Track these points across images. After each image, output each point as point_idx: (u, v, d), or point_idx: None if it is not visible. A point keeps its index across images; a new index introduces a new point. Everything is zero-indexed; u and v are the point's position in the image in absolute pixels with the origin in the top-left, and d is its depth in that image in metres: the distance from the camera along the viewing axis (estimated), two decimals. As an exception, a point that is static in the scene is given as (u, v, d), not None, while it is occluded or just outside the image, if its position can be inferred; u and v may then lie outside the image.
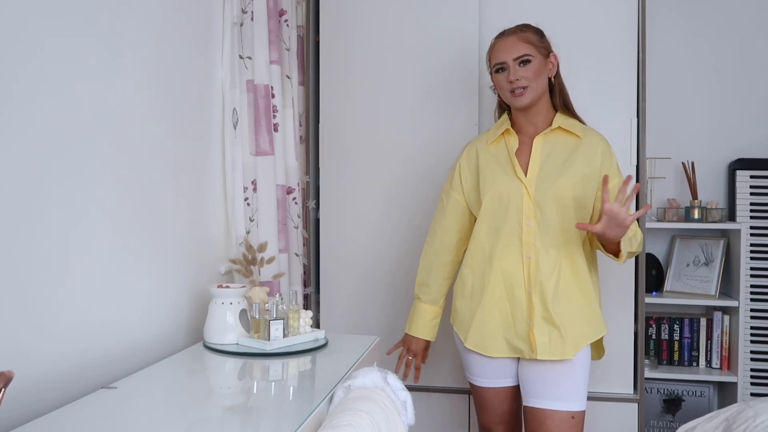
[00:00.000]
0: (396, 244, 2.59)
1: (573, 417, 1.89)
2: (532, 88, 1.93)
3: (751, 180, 2.84)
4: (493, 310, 1.96)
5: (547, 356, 1.89)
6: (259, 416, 1.31)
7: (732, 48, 2.99)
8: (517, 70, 1.93)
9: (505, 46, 1.95)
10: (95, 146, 1.50)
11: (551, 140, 1.98)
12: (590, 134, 1.99)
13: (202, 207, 2.04)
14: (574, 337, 1.89)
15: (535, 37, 1.96)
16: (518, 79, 1.92)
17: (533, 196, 1.93)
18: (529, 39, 1.95)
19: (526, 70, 1.92)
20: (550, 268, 1.91)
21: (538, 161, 1.96)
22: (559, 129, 1.98)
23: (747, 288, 2.75)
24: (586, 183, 1.94)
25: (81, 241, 1.45)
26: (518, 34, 1.95)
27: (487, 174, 2.01)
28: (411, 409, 1.46)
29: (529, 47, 1.93)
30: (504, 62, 1.95)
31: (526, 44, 1.94)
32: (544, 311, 1.90)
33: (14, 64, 1.26)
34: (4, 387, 0.89)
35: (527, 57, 1.93)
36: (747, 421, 1.72)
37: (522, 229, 1.93)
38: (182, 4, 1.90)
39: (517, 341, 1.93)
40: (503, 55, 1.95)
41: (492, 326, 1.96)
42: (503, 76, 1.96)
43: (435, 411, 2.55)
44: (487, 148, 2.05)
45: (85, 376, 1.46)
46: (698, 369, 2.84)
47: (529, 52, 1.93)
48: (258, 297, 1.87)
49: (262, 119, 2.19)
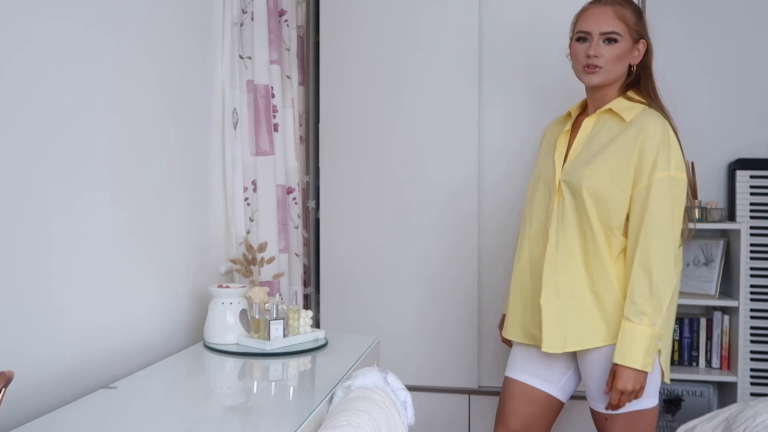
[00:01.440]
0: (396, 244, 2.59)
1: (606, 419, 1.76)
2: (607, 71, 1.76)
3: (751, 180, 2.84)
4: (516, 295, 1.89)
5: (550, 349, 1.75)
6: (259, 416, 1.31)
7: (732, 48, 2.99)
8: (600, 46, 1.75)
9: (597, 16, 1.76)
10: (95, 147, 1.50)
11: (600, 123, 1.80)
12: (641, 121, 1.73)
13: (202, 207, 2.04)
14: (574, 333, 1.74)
15: (633, 17, 1.77)
16: (597, 56, 1.74)
17: (560, 182, 1.79)
18: (624, 16, 1.75)
19: (610, 49, 1.75)
20: (566, 260, 1.76)
21: (579, 146, 1.80)
22: (610, 111, 1.79)
23: (747, 288, 2.75)
24: (615, 177, 1.72)
25: (81, 241, 1.45)
26: (615, 7, 1.76)
27: (541, 155, 1.94)
28: (411, 409, 1.46)
29: (621, 26, 1.75)
30: (589, 32, 1.76)
31: (620, 21, 1.75)
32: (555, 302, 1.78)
33: (15, 68, 1.26)
34: (4, 387, 0.89)
35: (615, 35, 1.74)
36: (747, 421, 1.72)
37: (548, 215, 1.81)
38: (182, 4, 1.90)
39: (532, 328, 1.83)
40: (591, 25, 1.76)
41: (514, 310, 1.89)
42: (583, 46, 1.77)
43: (435, 411, 2.55)
44: (552, 128, 1.95)
45: (85, 376, 1.46)
46: (698, 369, 2.83)
47: (619, 31, 1.74)
48: (258, 297, 1.87)
49: (262, 119, 2.19)
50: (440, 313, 2.56)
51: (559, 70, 2.36)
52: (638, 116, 1.74)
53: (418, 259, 2.58)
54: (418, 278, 2.58)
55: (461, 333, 2.54)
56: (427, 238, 2.56)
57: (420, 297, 2.58)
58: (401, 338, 2.59)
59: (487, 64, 2.53)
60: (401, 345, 2.59)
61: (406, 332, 2.59)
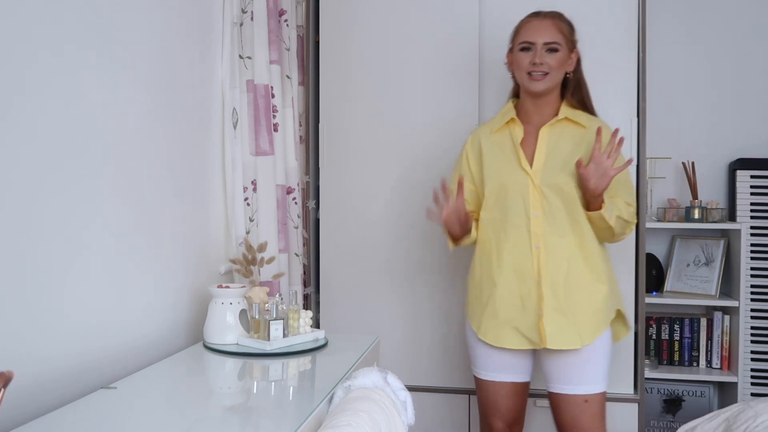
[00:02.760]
0: (396, 244, 2.59)
1: (586, 401, 1.92)
2: (551, 77, 1.95)
3: (751, 180, 2.84)
4: (504, 302, 1.96)
5: (557, 345, 1.91)
6: (259, 416, 1.31)
7: (732, 48, 2.99)
8: (544, 54, 1.93)
9: (539, 28, 1.95)
10: (95, 146, 1.50)
11: (557, 131, 1.99)
12: (594, 123, 2.00)
13: (202, 207, 2.04)
14: (586, 325, 1.91)
15: (568, 29, 1.98)
16: (543, 63, 1.92)
17: (539, 187, 1.93)
18: (562, 29, 1.96)
19: (552, 57, 1.94)
20: (560, 257, 1.92)
21: (544, 152, 1.96)
22: (566, 120, 1.99)
23: (747, 288, 2.75)
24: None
25: (81, 241, 1.45)
26: (554, 20, 1.97)
27: (491, 164, 2.01)
28: (411, 409, 1.45)
29: (560, 36, 1.95)
30: (533, 42, 1.94)
31: (559, 32, 1.95)
32: (554, 301, 1.91)
33: (15, 68, 1.26)
34: (4, 387, 0.89)
35: (556, 45, 1.94)
36: (747, 421, 1.72)
37: (530, 220, 1.93)
38: (182, 4, 1.90)
39: (528, 332, 1.94)
40: (534, 36, 1.95)
41: (504, 318, 1.96)
42: (528, 55, 1.95)
43: (435, 411, 2.55)
44: (491, 138, 2.05)
45: (85, 376, 1.46)
46: (698, 369, 2.84)
47: (559, 41, 1.94)
48: (258, 297, 1.87)
49: (262, 119, 2.19)
50: (440, 313, 2.56)
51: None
52: (590, 120, 2.00)
53: (418, 259, 2.57)
54: (418, 278, 2.57)
55: (461, 333, 2.54)
56: (427, 238, 2.56)
57: (420, 297, 2.57)
58: (401, 338, 2.59)
59: (487, 64, 2.53)
60: (401, 345, 2.59)
61: (406, 332, 2.59)
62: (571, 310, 1.91)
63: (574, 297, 1.92)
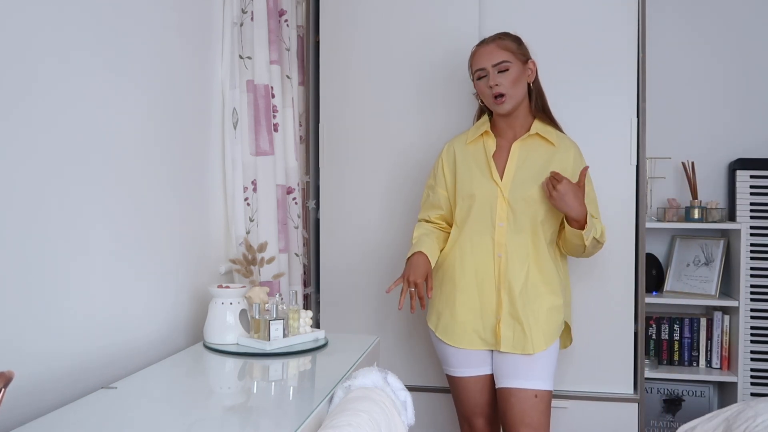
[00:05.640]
0: (396, 244, 2.58)
1: (536, 396, 2.00)
2: (511, 95, 2.02)
3: (751, 180, 2.84)
4: (464, 305, 2.06)
5: (510, 349, 2.02)
6: (259, 416, 1.31)
7: (732, 48, 2.99)
8: (496, 76, 2.01)
9: (485, 54, 2.04)
10: (95, 146, 1.50)
11: (528, 146, 2.07)
12: (564, 142, 2.09)
13: (202, 207, 2.04)
14: (538, 334, 2.00)
15: (513, 44, 2.05)
16: (497, 84, 2.00)
17: (508, 199, 2.03)
18: (507, 46, 2.03)
19: (505, 76, 2.01)
20: (518, 267, 2.02)
21: (515, 166, 2.05)
22: (537, 135, 2.07)
23: (747, 288, 2.75)
24: None
25: (81, 242, 1.45)
26: (497, 42, 2.04)
27: (464, 173, 2.10)
28: (411, 409, 1.46)
29: (507, 54, 2.02)
30: (484, 68, 2.03)
31: (504, 51, 2.02)
32: (511, 307, 2.02)
33: (15, 69, 1.26)
34: (4, 387, 0.89)
35: (506, 64, 2.01)
36: (747, 421, 1.72)
37: (495, 230, 2.04)
38: (182, 4, 1.90)
39: (485, 334, 2.05)
40: (483, 62, 2.04)
41: (462, 320, 2.07)
42: (484, 82, 2.04)
43: (435, 411, 2.55)
44: (466, 148, 2.14)
45: (85, 376, 1.46)
46: (698, 369, 2.84)
47: (507, 59, 2.02)
48: (258, 297, 1.87)
49: (262, 119, 2.19)
50: (440, 313, 2.56)
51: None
52: (559, 138, 2.08)
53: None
54: (418, 278, 2.57)
55: (461, 333, 2.53)
56: (427, 238, 2.55)
57: (420, 297, 2.57)
58: (401, 338, 2.59)
59: (487, 64, 2.53)
60: (401, 345, 2.59)
61: (405, 332, 2.59)
62: (526, 319, 2.00)
63: (531, 306, 2.02)
